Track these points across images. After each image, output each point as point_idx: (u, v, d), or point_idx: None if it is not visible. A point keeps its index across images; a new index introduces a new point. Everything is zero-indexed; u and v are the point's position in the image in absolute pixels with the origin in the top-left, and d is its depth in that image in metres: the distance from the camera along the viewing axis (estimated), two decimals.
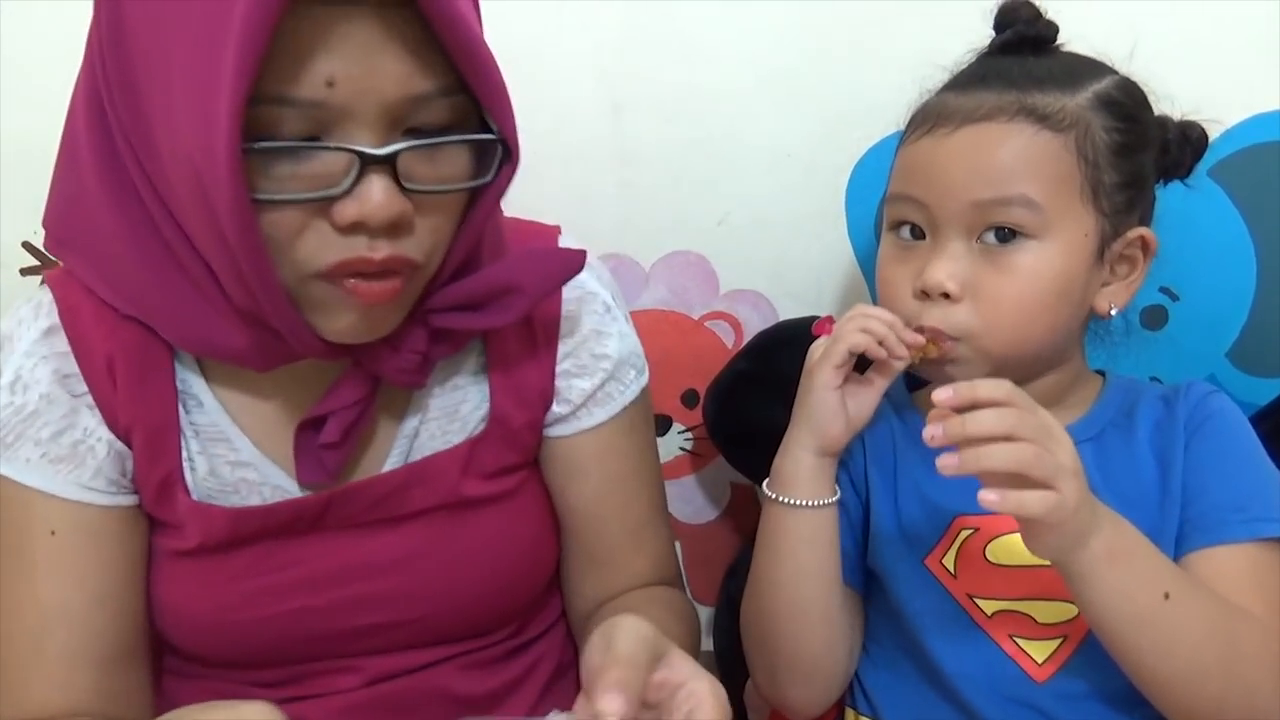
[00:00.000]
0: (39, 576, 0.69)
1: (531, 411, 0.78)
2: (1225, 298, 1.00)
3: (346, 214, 0.58)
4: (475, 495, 0.76)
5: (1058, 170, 0.70)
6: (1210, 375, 1.02)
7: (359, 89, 0.56)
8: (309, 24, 0.54)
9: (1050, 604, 0.73)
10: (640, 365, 0.83)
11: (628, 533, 0.83)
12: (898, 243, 0.76)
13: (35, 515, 0.69)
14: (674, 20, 1.00)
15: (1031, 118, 0.70)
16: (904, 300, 0.74)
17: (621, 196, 1.05)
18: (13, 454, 0.68)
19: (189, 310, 0.66)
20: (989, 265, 0.71)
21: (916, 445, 0.76)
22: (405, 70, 0.57)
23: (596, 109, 1.03)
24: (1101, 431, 0.77)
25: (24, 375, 0.69)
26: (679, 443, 1.14)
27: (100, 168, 0.64)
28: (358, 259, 0.60)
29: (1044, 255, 0.71)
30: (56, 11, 1.01)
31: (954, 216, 0.71)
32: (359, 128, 0.58)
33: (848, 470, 0.81)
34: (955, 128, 0.72)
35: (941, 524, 0.77)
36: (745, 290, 1.08)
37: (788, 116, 1.02)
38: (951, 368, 0.73)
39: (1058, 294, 0.72)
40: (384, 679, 0.77)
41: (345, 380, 0.70)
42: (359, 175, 0.57)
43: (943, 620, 0.75)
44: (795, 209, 1.05)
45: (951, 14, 0.80)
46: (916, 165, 0.74)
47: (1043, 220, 0.70)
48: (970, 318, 0.71)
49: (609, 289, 0.82)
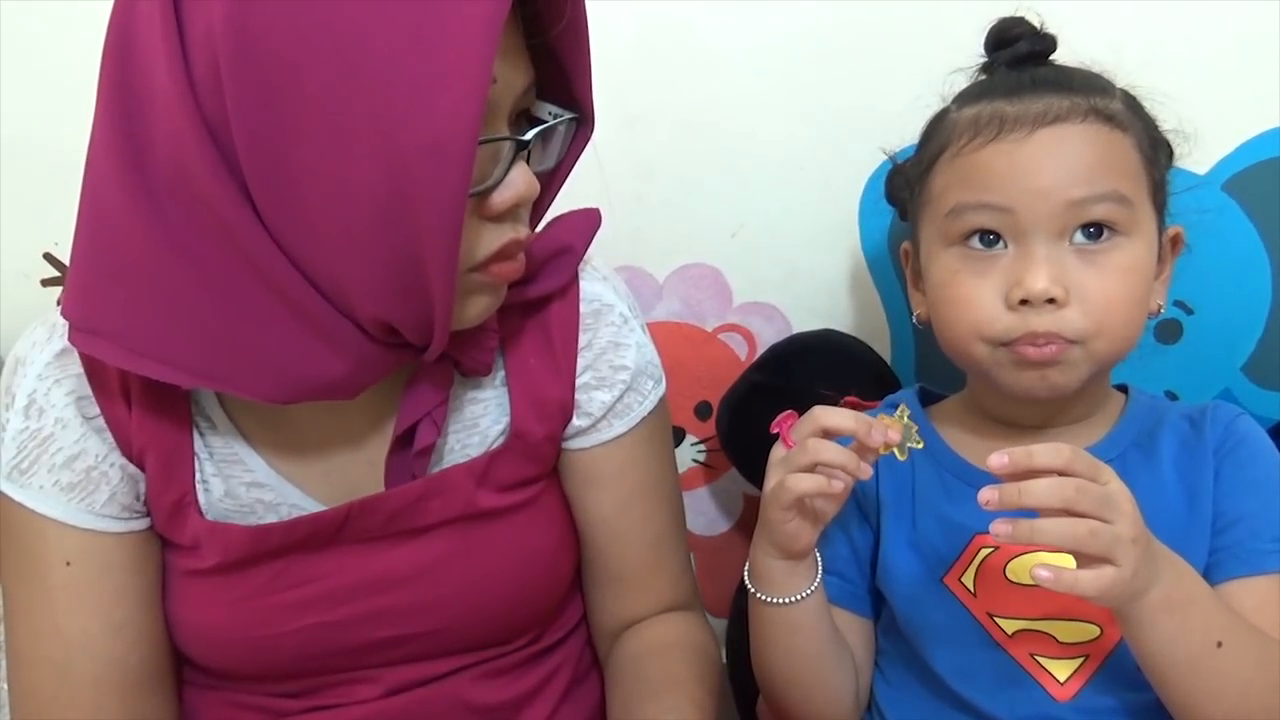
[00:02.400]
0: (58, 607, 0.69)
1: (551, 424, 0.78)
2: (1240, 312, 0.99)
3: (505, 200, 0.63)
4: (491, 507, 0.76)
5: (1134, 167, 0.71)
6: (1225, 389, 1.01)
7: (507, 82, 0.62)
8: None
9: (1072, 624, 0.71)
10: (658, 375, 0.83)
11: (647, 547, 0.82)
12: (970, 255, 0.72)
13: (51, 545, 0.69)
14: (688, 33, 1.00)
15: (1101, 118, 0.70)
16: (991, 313, 0.70)
17: (635, 209, 1.05)
18: (28, 481, 0.69)
19: (288, 351, 0.63)
20: (1087, 266, 0.69)
21: (933, 464, 0.78)
22: (525, 62, 0.64)
23: (610, 121, 1.03)
24: (1124, 451, 0.76)
25: (38, 399, 0.69)
26: (692, 455, 1.14)
27: (153, 232, 0.60)
28: (513, 241, 0.65)
29: (1135, 251, 0.70)
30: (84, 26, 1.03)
31: (1043, 219, 0.69)
32: (501, 122, 0.63)
33: (855, 496, 0.79)
34: (1030, 130, 0.70)
35: (960, 542, 0.75)
36: (758, 302, 1.09)
37: (801, 129, 1.02)
38: (1055, 371, 0.70)
39: (1147, 290, 0.72)
40: (402, 689, 0.77)
41: (420, 382, 0.71)
42: (511, 163, 0.62)
43: (961, 639, 0.74)
44: (809, 221, 1.05)
45: (966, 29, 0.80)
46: (991, 172, 0.71)
47: (1133, 216, 0.70)
48: (1083, 320, 0.69)
49: (626, 300, 0.83)
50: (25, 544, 0.70)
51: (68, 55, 1.04)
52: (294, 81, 0.55)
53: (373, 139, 0.55)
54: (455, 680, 0.78)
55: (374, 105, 0.55)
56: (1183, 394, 1.01)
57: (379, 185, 0.56)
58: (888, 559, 0.78)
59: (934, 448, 0.79)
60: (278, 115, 0.56)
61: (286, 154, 0.57)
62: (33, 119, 1.06)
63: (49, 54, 1.04)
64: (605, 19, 0.99)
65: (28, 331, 0.72)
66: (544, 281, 0.76)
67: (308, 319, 0.62)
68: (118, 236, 0.61)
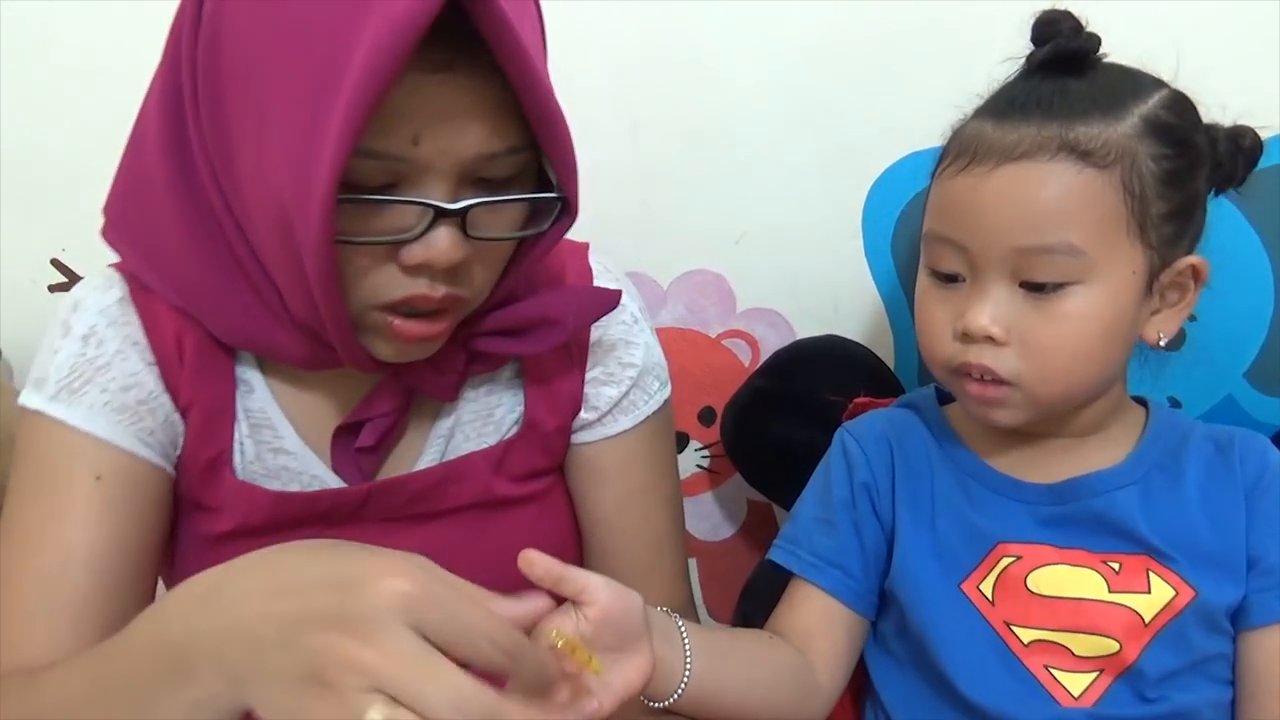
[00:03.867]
0: (71, 518, 0.69)
1: (562, 416, 0.81)
2: (1242, 318, 1.00)
3: (414, 257, 0.62)
4: (506, 495, 0.79)
5: (1103, 211, 0.67)
6: (1228, 396, 1.01)
7: (440, 147, 0.61)
8: (405, 87, 0.58)
9: (1090, 638, 0.71)
10: (663, 377, 0.85)
11: (645, 546, 0.84)
12: (936, 280, 0.73)
13: (84, 459, 0.69)
14: (692, 41, 1.01)
15: (1073, 155, 0.66)
16: (944, 341, 0.72)
17: (640, 215, 1.06)
18: (78, 399, 0.69)
19: (248, 316, 0.69)
20: (1034, 311, 0.68)
21: (955, 468, 0.79)
22: (485, 131, 0.62)
23: (616, 128, 1.04)
24: (1147, 473, 0.75)
25: (99, 331, 0.71)
26: (696, 460, 1.14)
27: (171, 175, 0.67)
28: (419, 296, 0.64)
29: (1092, 299, 0.68)
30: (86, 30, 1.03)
31: (995, 261, 0.68)
32: (435, 181, 0.62)
33: (870, 494, 0.80)
34: (994, 166, 0.68)
35: (982, 549, 0.75)
36: (762, 308, 1.09)
37: (805, 136, 1.03)
38: (999, 411, 0.71)
39: (1106, 336, 0.69)
40: None
41: (382, 390, 0.74)
42: (430, 225, 0.62)
43: (975, 646, 0.74)
44: (813, 228, 1.05)
45: (970, 35, 0.81)
46: (954, 205, 0.70)
47: (1088, 265, 0.67)
48: (1019, 363, 0.69)
49: (636, 301, 0.85)
50: (52, 460, 0.70)
51: (76, 62, 1.04)
52: (237, 102, 0.62)
53: (263, 174, 0.61)
54: None
55: (260, 142, 0.60)
56: (1186, 400, 1.01)
57: (278, 217, 0.61)
58: (904, 562, 0.77)
59: (953, 451, 0.79)
60: (222, 116, 0.63)
61: (230, 155, 0.63)
62: (40, 125, 1.06)
63: (56, 59, 1.05)
64: (612, 27, 1.01)
65: (84, 280, 0.75)
66: (520, 343, 0.74)
67: (263, 301, 0.68)
68: (145, 164, 0.69)
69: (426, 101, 0.59)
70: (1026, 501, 0.75)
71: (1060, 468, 0.76)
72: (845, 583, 0.79)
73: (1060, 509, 0.74)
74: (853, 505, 0.80)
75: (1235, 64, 0.86)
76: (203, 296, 0.70)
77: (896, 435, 0.81)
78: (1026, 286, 0.68)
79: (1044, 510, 0.74)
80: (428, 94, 0.59)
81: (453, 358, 0.73)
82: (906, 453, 0.80)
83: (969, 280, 0.70)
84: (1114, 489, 0.74)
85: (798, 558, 0.81)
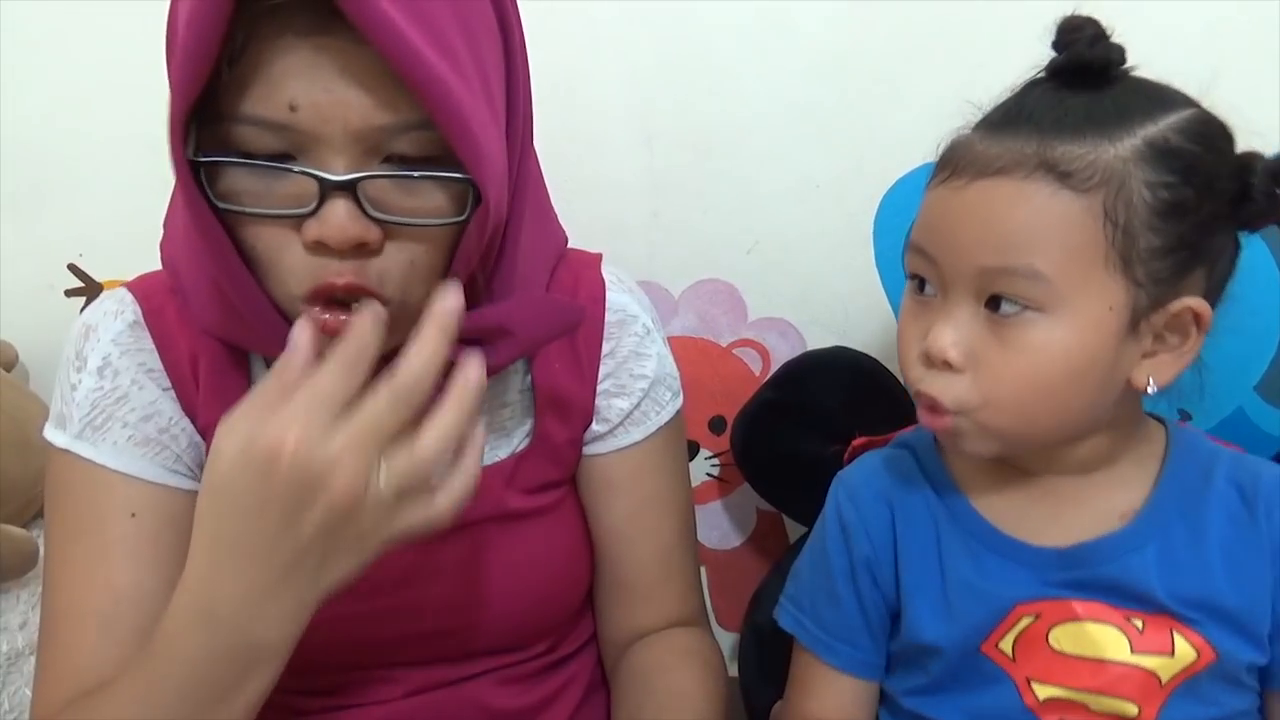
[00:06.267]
0: (114, 558, 0.70)
1: (573, 428, 0.80)
2: (1253, 331, 0.99)
3: (309, 233, 0.60)
4: (518, 509, 0.78)
5: (1076, 238, 0.61)
6: (1238, 409, 1.01)
7: (322, 116, 0.59)
8: (275, 50, 0.57)
9: (1109, 700, 0.67)
10: (676, 388, 0.85)
11: (657, 557, 0.84)
12: (915, 295, 0.69)
13: (117, 498, 0.70)
14: (705, 54, 1.02)
15: (1051, 175, 0.61)
16: (911, 362, 0.68)
17: (652, 225, 1.06)
18: (101, 437, 0.70)
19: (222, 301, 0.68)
20: (994, 337, 0.64)
21: (959, 529, 0.73)
22: (369, 101, 0.59)
23: (629, 140, 1.04)
24: (1166, 525, 0.68)
25: (113, 362, 0.71)
26: (706, 469, 1.14)
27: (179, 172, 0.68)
28: (325, 284, 0.61)
29: (1053, 331, 0.62)
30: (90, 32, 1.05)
31: (961, 279, 0.64)
32: (330, 152, 0.60)
33: (871, 569, 0.74)
34: (970, 180, 0.63)
35: (999, 612, 0.70)
36: (773, 318, 1.09)
37: (817, 148, 1.03)
38: (962, 441, 0.67)
39: (1070, 374, 0.63)
40: (422, 691, 0.78)
41: None
42: (322, 198, 0.59)
43: (991, 699, 0.70)
44: (824, 239, 1.06)
45: (979, 48, 0.81)
46: (931, 217, 0.67)
47: (1051, 293, 0.61)
48: (969, 392, 0.64)
49: (648, 312, 0.84)
50: (86, 500, 0.70)
51: (92, 67, 1.06)
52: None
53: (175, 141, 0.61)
54: (474, 684, 0.79)
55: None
56: (1195, 412, 1.01)
57: None
58: (918, 630, 0.72)
59: (955, 505, 0.73)
60: None
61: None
62: (57, 131, 1.08)
63: (72, 64, 1.06)
64: (626, 41, 1.02)
65: (95, 303, 0.75)
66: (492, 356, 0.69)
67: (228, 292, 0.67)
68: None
69: (302, 67, 0.58)
70: (1036, 567, 0.70)
71: (1069, 519, 0.71)
72: (854, 656, 0.76)
73: (1072, 574, 0.69)
74: (853, 578, 0.75)
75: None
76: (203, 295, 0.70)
77: (896, 494, 0.75)
78: (990, 308, 0.64)
79: (1056, 575, 0.70)
80: (302, 58, 0.58)
81: None
82: (908, 515, 0.75)
83: (940, 297, 0.66)
84: (1128, 553, 0.68)
85: (805, 629, 0.77)
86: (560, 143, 0.68)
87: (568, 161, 1.03)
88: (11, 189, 1.10)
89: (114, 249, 1.10)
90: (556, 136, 0.68)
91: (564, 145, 0.76)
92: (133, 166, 1.03)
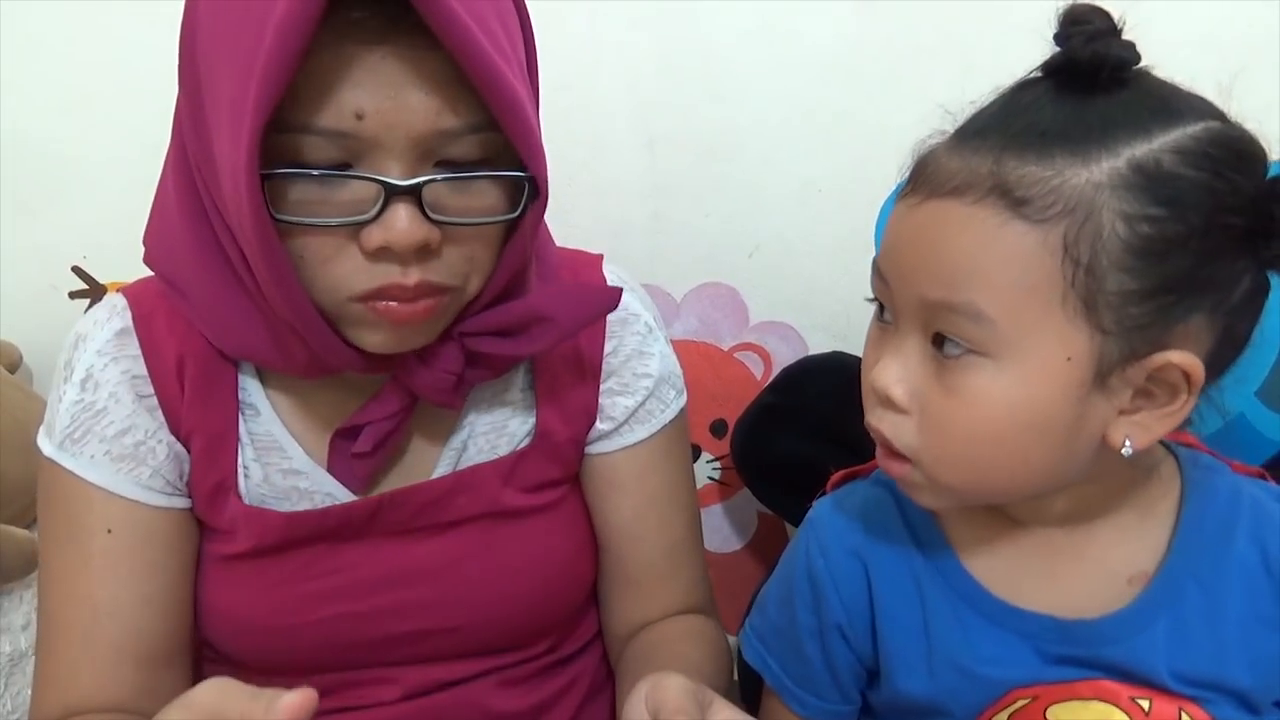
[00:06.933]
0: (93, 572, 0.71)
1: (575, 428, 0.81)
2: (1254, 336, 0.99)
3: (373, 240, 0.61)
4: (515, 507, 0.78)
5: (1028, 276, 0.52)
6: (1240, 414, 1.01)
7: (387, 123, 0.59)
8: (340, 59, 0.57)
9: None
10: (679, 386, 0.85)
11: (663, 553, 0.84)
12: (877, 320, 0.61)
13: (95, 512, 0.71)
14: (707, 57, 1.02)
15: (1004, 200, 0.51)
16: (867, 392, 0.60)
17: (654, 228, 1.07)
18: (79, 450, 0.71)
19: (246, 323, 0.69)
20: (937, 380, 0.56)
21: (945, 588, 0.65)
22: (433, 106, 0.60)
23: (631, 143, 1.05)
24: (1181, 592, 0.61)
25: (95, 374, 0.71)
26: (707, 472, 1.14)
27: (180, 185, 0.67)
28: (392, 285, 0.62)
29: (997, 380, 0.54)
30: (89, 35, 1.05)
31: (910, 308, 0.56)
32: (389, 158, 0.60)
33: (842, 633, 0.67)
34: (924, 199, 0.55)
35: (992, 695, 0.63)
36: (775, 322, 1.10)
37: (818, 151, 1.03)
38: (912, 492, 0.60)
39: (1019, 428, 0.54)
40: (423, 692, 0.78)
41: (383, 394, 0.73)
42: (385, 203, 0.60)
43: None
44: (825, 242, 1.06)
45: (982, 50, 0.81)
46: (888, 236, 0.59)
47: (995, 337, 0.53)
48: (915, 438, 0.57)
49: (650, 311, 0.85)
50: (70, 511, 0.72)
51: (97, 68, 1.06)
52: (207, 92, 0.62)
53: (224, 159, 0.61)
54: (474, 686, 0.79)
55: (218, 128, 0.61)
56: (1196, 419, 1.01)
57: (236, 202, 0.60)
58: (905, 692, 0.66)
59: (939, 560, 0.65)
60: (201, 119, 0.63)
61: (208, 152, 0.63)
62: (61, 132, 1.08)
63: (77, 65, 1.07)
64: (628, 44, 1.02)
65: (93, 309, 0.75)
66: (514, 344, 0.72)
67: (258, 305, 0.67)
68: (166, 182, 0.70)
69: (367, 75, 0.58)
70: (1033, 637, 0.62)
71: (1068, 579, 0.63)
72: (822, 708, 0.70)
73: (1073, 651, 0.62)
74: (821, 639, 0.68)
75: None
76: (212, 312, 0.70)
77: (872, 551, 0.67)
78: (936, 346, 0.56)
79: (1054, 649, 0.62)
80: (368, 67, 0.58)
81: (445, 355, 0.71)
82: (886, 574, 0.66)
83: (894, 327, 0.58)
84: (1136, 633, 0.61)
85: (769, 668, 0.72)
86: (563, 145, 0.68)
87: (570, 164, 1.04)
88: (16, 190, 1.10)
89: (118, 251, 1.10)
90: (558, 140, 0.68)
91: (566, 148, 0.76)
92: (137, 169, 1.03)
